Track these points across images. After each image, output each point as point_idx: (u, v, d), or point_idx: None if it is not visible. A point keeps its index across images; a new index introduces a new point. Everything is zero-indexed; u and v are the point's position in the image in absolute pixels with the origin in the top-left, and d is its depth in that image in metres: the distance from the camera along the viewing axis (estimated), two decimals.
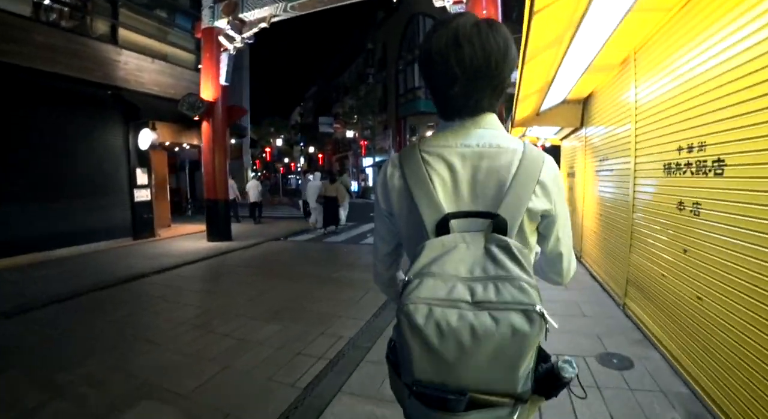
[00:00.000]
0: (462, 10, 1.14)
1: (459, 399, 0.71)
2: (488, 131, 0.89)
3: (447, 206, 0.83)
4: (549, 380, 0.79)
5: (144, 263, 7.15)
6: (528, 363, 0.74)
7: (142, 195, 10.25)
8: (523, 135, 9.84)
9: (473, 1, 6.69)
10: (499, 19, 6.73)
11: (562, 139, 9.24)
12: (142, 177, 10.28)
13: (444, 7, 7.23)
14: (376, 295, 4.91)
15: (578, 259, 6.53)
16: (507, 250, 0.75)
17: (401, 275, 1.09)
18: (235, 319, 4.28)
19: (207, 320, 4.29)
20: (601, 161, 5.51)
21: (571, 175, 8.04)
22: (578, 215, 6.93)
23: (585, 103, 6.45)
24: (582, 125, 6.72)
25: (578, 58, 3.96)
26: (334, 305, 4.68)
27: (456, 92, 0.85)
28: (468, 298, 0.70)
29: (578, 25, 3.00)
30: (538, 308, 0.69)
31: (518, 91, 5.08)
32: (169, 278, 6.27)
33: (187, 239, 10.18)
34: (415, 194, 0.85)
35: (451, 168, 0.86)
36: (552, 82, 4.77)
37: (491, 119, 0.91)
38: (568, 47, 3.51)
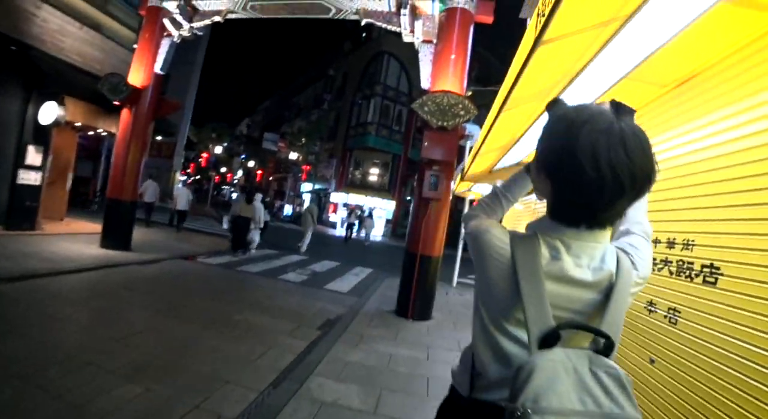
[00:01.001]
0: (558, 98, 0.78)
1: None
2: (603, 247, 0.89)
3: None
4: None
5: (1, 263, 5.55)
6: None
7: (29, 178, 8.41)
8: (469, 190, 9.77)
9: (443, 42, 6.51)
10: (467, 63, 6.58)
11: None
12: (34, 157, 8.48)
13: (412, 43, 7.02)
14: (279, 353, 4.01)
15: None
16: (620, 383, 0.74)
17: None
18: (83, 369, 3.10)
19: (42, 365, 3.07)
20: None
21: None
22: None
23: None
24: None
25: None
26: (222, 364, 3.61)
27: (598, 202, 0.80)
28: None
29: (568, 83, 2.67)
30: None
31: (481, 145, 4.76)
32: (24, 290, 4.78)
33: (77, 240, 8.39)
34: (523, 290, 0.82)
35: (563, 277, 0.85)
36: (519, 139, 4.49)
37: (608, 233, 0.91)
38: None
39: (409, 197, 29.09)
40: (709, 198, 2.15)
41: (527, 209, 7.11)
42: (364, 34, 28.88)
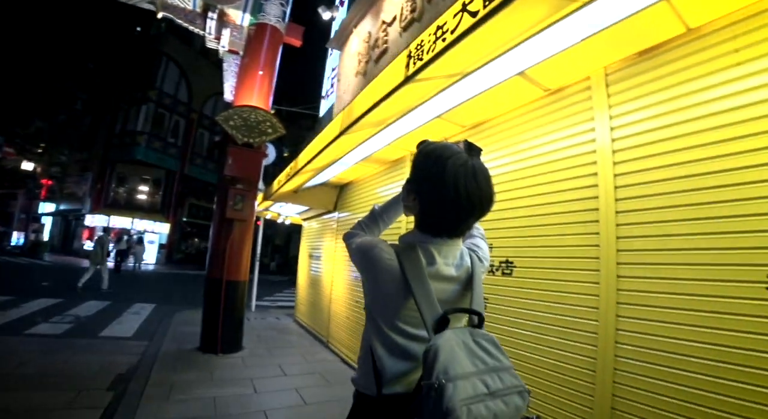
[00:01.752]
0: (431, 141, 0.97)
1: None
2: (460, 248, 1.16)
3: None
4: None
5: None
6: None
7: None
8: (267, 209, 9.53)
9: (250, 56, 6.27)
10: (274, 81, 6.54)
11: (305, 219, 9.44)
12: None
13: (196, 50, 6.48)
14: None
15: (326, 345, 6.34)
16: (494, 344, 1.00)
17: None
18: None
19: None
20: None
21: (314, 257, 8.10)
22: (325, 298, 6.86)
23: (343, 188, 6.81)
24: (335, 209, 7.02)
25: (367, 147, 4.09)
26: None
27: (457, 218, 1.08)
28: (485, 390, 0.89)
29: (398, 118, 3.06)
30: (525, 387, 0.96)
31: (304, 165, 4.77)
32: None
33: None
34: (415, 290, 1.01)
35: (440, 276, 1.09)
36: (335, 162, 4.72)
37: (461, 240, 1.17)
38: (371, 136, 3.53)
39: (186, 219, 25.65)
40: (500, 212, 2.90)
41: (326, 226, 7.48)
42: (138, 29, 24.21)
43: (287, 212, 9.73)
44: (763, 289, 1.62)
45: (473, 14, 1.72)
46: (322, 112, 10.02)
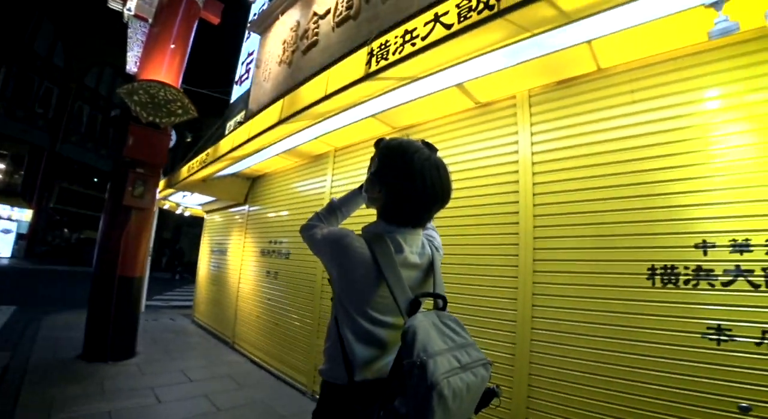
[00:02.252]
0: (404, 137, 1.03)
1: None
2: (423, 236, 1.26)
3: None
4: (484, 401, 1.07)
5: None
6: None
7: None
8: (166, 198, 8.59)
9: (161, 26, 5.61)
10: (186, 58, 5.97)
11: (208, 211, 8.73)
12: None
13: (121, 13, 5.66)
14: None
15: (231, 347, 5.94)
16: (458, 323, 1.08)
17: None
18: None
19: None
20: (271, 242, 5.50)
21: (218, 252, 7.55)
22: (231, 296, 6.44)
23: (256, 180, 6.48)
24: (246, 201, 6.65)
25: (296, 139, 3.98)
26: None
27: (422, 209, 1.16)
28: (458, 364, 0.97)
29: (336, 113, 3.06)
30: (488, 360, 1.05)
31: (223, 153, 4.42)
32: None
33: None
34: (388, 277, 1.07)
35: (408, 264, 1.15)
36: (255, 152, 4.47)
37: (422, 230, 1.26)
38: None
39: (54, 205, 21.58)
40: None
41: (233, 219, 7.05)
42: None
43: (189, 203, 8.91)
44: (644, 279, 2.04)
45: (447, 26, 1.85)
46: (233, 97, 9.38)
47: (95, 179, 23.89)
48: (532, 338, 2.40)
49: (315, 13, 5.33)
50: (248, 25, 9.25)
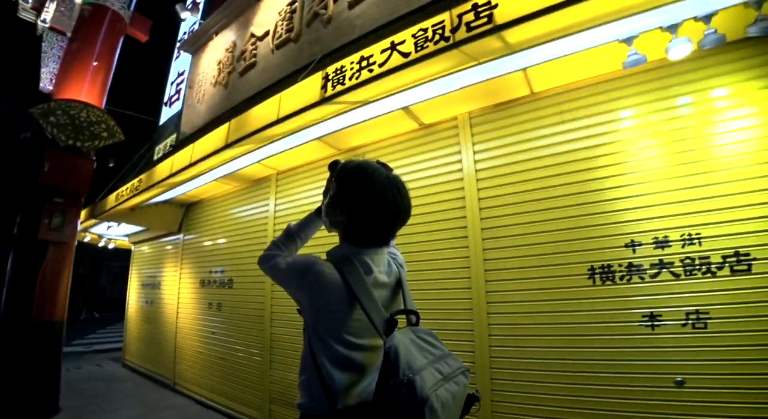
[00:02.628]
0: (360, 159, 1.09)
1: None
2: (388, 255, 1.26)
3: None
4: (466, 408, 1.09)
5: None
6: None
7: None
8: (86, 230, 7.76)
9: (82, 41, 5.18)
10: (111, 77, 5.59)
11: (136, 242, 8.04)
12: None
13: (34, 25, 5.16)
14: None
15: (172, 389, 5.42)
16: (433, 336, 1.10)
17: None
18: None
19: None
20: (211, 272, 5.20)
21: (150, 286, 6.94)
22: (169, 333, 5.92)
23: (190, 207, 6.12)
24: (180, 230, 6.24)
25: (239, 163, 3.84)
26: None
27: (386, 227, 1.16)
28: (440, 376, 0.98)
29: (280, 138, 3.04)
30: (466, 367, 1.07)
31: (160, 179, 4.14)
32: None
33: None
34: (362, 299, 1.06)
35: (378, 284, 1.15)
36: (193, 178, 4.23)
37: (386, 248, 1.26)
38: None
39: None
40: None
41: (166, 250, 6.58)
42: None
43: (114, 235, 8.14)
44: (585, 278, 2.26)
45: (404, 55, 1.96)
46: (162, 119, 8.84)
47: None
48: (490, 333, 2.55)
49: (253, 35, 5.28)
50: (178, 44, 8.88)
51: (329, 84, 2.34)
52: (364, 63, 2.19)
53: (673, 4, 1.72)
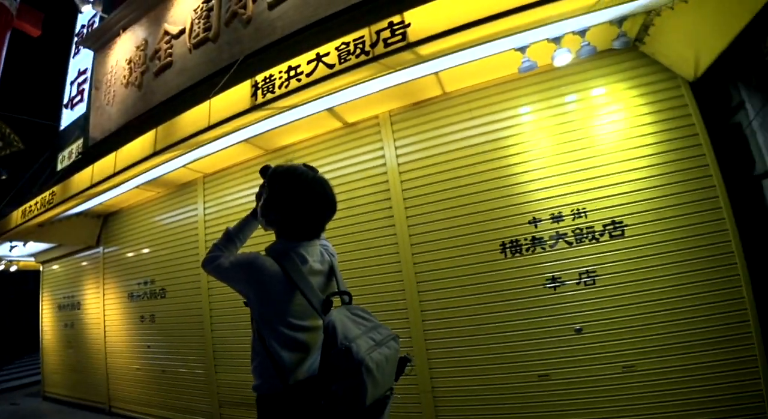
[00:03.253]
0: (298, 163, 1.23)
1: (389, 396, 1.21)
2: (320, 246, 1.43)
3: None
4: (401, 368, 1.28)
5: None
6: None
7: None
8: None
9: None
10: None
11: (44, 261, 7.28)
12: None
13: None
14: None
15: (108, 412, 5.09)
16: (366, 311, 1.29)
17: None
18: None
19: None
20: (140, 284, 4.95)
21: (68, 307, 6.37)
22: (97, 353, 5.51)
23: (108, 218, 5.71)
24: (99, 243, 5.81)
25: (164, 168, 3.71)
26: None
27: (318, 221, 1.33)
28: (373, 342, 1.15)
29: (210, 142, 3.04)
30: (395, 334, 1.27)
31: (78, 191, 3.84)
32: None
33: None
34: (300, 285, 1.23)
35: (313, 272, 1.32)
36: (115, 187, 3.98)
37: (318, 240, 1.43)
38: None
39: None
40: None
41: (83, 266, 6.09)
42: None
43: (16, 255, 7.26)
44: (498, 253, 2.65)
45: (329, 66, 2.12)
46: (64, 123, 7.97)
47: None
48: (422, 309, 2.90)
49: (167, 32, 5.03)
50: (75, 39, 8.03)
51: (259, 92, 2.43)
52: (292, 72, 2.32)
53: (556, 22, 2.06)
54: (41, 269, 7.43)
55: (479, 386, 2.65)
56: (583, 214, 2.50)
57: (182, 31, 4.82)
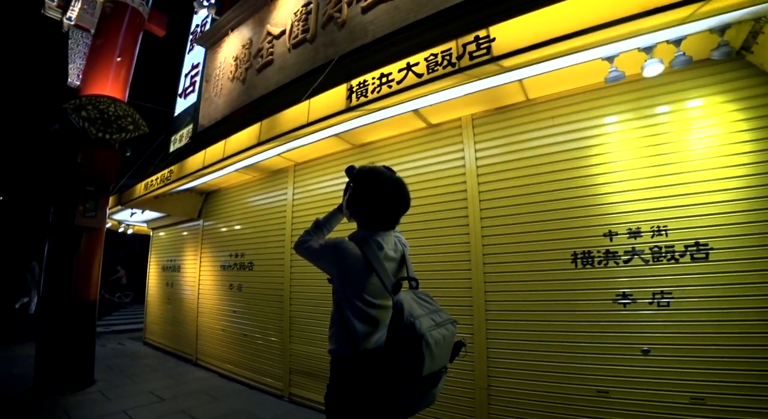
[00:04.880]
0: (379, 165, 1.50)
1: (442, 372, 1.35)
2: (394, 236, 1.63)
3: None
4: (455, 351, 1.45)
5: None
6: None
7: None
8: (110, 216, 8.15)
9: (105, 38, 5.49)
10: (132, 71, 5.90)
11: (154, 228, 8.46)
12: None
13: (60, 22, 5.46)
14: None
15: (194, 364, 5.89)
16: (429, 296, 1.46)
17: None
18: None
19: None
20: (232, 256, 5.60)
21: (171, 269, 7.38)
22: (191, 312, 6.37)
23: (209, 195, 6.50)
24: (200, 217, 6.63)
25: (264, 155, 4.18)
26: None
27: (393, 215, 1.56)
28: (434, 323, 1.33)
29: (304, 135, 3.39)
30: (454, 319, 1.45)
31: (193, 171, 4.49)
32: None
33: None
34: (376, 267, 1.45)
35: (388, 258, 1.53)
36: (218, 169, 4.58)
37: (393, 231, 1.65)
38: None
39: None
40: None
41: (186, 235, 6.96)
42: None
43: (134, 221, 8.54)
44: (569, 262, 2.64)
45: (418, 75, 2.31)
46: (177, 110, 9.15)
47: None
48: (487, 308, 2.97)
49: (269, 33, 5.57)
50: (190, 37, 9.14)
51: (353, 95, 2.69)
52: (384, 79, 2.54)
53: (650, 33, 2.02)
54: (151, 234, 8.64)
55: (535, 391, 2.68)
56: (663, 232, 2.41)
57: (283, 32, 5.32)
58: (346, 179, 1.64)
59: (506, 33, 2.21)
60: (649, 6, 1.83)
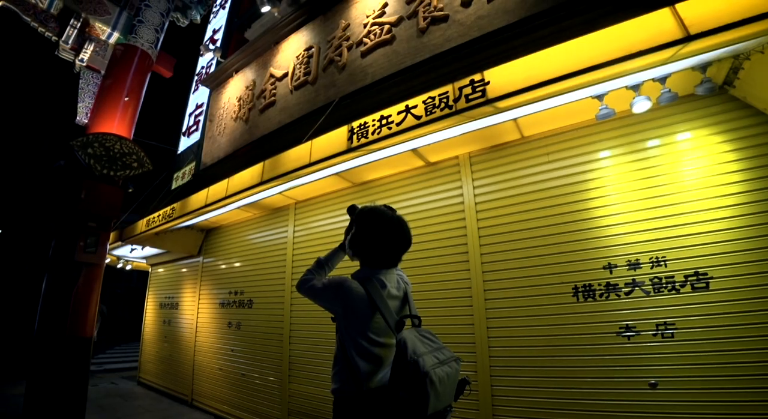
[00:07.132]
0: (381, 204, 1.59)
1: (448, 411, 1.37)
2: (396, 274, 1.66)
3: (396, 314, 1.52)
4: (460, 389, 1.46)
5: None
6: None
7: None
8: (110, 252, 8.14)
9: (113, 78, 5.71)
10: (138, 110, 6.07)
11: (153, 264, 8.43)
12: None
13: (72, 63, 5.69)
14: None
15: (190, 405, 5.69)
16: (432, 334, 1.49)
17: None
18: None
19: None
20: (231, 293, 5.57)
21: (168, 306, 7.28)
22: (187, 351, 6.23)
23: (210, 232, 6.54)
24: (200, 253, 6.64)
25: (264, 194, 4.27)
26: None
27: (395, 253, 1.60)
28: (438, 361, 1.34)
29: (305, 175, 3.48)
30: (457, 356, 1.47)
31: (195, 209, 4.56)
32: None
33: None
34: (380, 306, 1.46)
35: (391, 296, 1.55)
36: (219, 207, 4.66)
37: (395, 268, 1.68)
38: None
39: None
40: None
41: (185, 272, 6.93)
42: None
43: (133, 257, 8.52)
44: (570, 296, 2.65)
45: (417, 117, 2.43)
46: (180, 148, 9.35)
47: None
48: (490, 345, 2.93)
49: (272, 75, 5.81)
50: (195, 77, 9.50)
51: (355, 136, 2.81)
52: (384, 121, 2.67)
53: (636, 73, 2.14)
54: (150, 270, 8.59)
55: None
56: (662, 263, 2.44)
57: (285, 75, 5.55)
58: (347, 218, 1.70)
59: (500, 76, 2.34)
60: (633, 50, 1.96)
